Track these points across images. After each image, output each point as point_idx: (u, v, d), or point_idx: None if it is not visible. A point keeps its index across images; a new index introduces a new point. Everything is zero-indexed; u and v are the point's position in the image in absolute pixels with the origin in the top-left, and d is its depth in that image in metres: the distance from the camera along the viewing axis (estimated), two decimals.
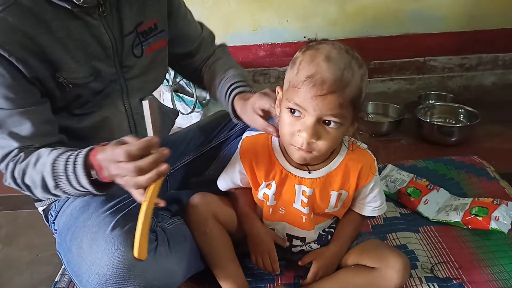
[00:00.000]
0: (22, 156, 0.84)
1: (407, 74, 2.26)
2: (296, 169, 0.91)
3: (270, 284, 1.05)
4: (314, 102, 0.75)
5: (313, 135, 0.77)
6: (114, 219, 0.82)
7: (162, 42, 1.03)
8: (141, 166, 0.69)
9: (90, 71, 0.90)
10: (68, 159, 0.78)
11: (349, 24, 2.13)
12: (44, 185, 0.81)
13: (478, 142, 1.70)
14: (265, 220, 1.00)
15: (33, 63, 0.81)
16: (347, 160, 0.90)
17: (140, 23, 0.96)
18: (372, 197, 0.96)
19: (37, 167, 0.81)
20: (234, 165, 0.98)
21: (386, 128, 1.82)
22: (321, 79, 0.74)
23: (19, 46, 0.79)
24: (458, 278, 1.02)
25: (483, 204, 1.21)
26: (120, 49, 0.94)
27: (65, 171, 0.78)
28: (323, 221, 1.00)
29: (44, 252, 1.25)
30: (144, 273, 0.80)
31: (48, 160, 0.80)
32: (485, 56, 2.24)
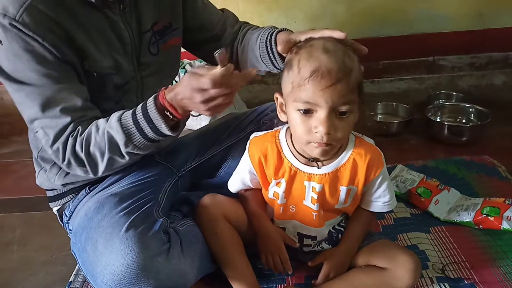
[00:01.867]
0: (80, 129, 0.87)
1: (416, 73, 2.25)
2: (304, 165, 0.92)
3: (280, 284, 1.05)
4: (326, 94, 0.77)
5: (330, 127, 0.79)
6: (128, 220, 0.84)
7: (176, 40, 1.05)
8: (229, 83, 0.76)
9: (112, 64, 0.93)
10: (136, 111, 0.84)
11: (358, 24, 2.13)
12: (113, 146, 0.85)
13: (489, 141, 1.69)
14: (276, 219, 1.01)
15: (63, 49, 0.85)
16: (354, 155, 0.91)
17: (156, 23, 0.99)
18: (381, 191, 0.96)
19: (100, 131, 0.85)
20: (243, 166, 0.99)
21: (395, 128, 1.82)
22: (327, 70, 0.76)
23: (50, 32, 0.83)
24: (470, 279, 1.02)
25: (494, 204, 1.21)
26: (138, 47, 0.97)
27: (135, 122, 0.83)
28: (333, 217, 1.00)
29: (58, 252, 1.26)
30: (157, 273, 0.81)
31: (112, 121, 0.85)
32: (496, 55, 2.22)
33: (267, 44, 0.98)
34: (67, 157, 0.88)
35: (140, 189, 0.95)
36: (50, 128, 0.87)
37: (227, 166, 1.13)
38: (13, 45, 0.82)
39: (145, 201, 0.92)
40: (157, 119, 0.82)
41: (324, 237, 1.01)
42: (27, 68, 0.83)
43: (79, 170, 0.90)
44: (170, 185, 1.06)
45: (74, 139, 0.87)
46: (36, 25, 0.81)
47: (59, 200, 1.06)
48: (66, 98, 0.86)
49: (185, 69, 1.85)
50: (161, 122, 0.82)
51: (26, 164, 1.74)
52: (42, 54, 0.83)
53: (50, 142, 0.88)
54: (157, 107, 0.82)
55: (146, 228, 0.83)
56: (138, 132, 0.84)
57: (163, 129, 0.83)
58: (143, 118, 0.83)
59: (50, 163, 1.01)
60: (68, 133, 0.87)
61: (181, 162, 1.12)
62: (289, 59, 0.83)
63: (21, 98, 0.86)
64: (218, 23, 1.11)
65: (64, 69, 0.86)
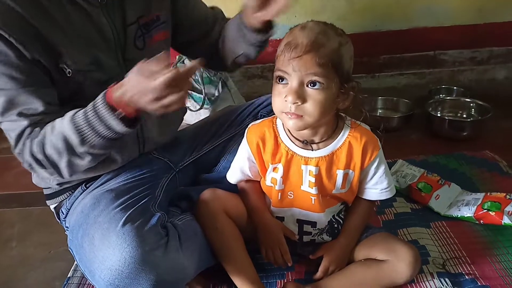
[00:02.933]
0: (36, 130, 0.84)
1: (417, 68, 2.24)
2: (301, 149, 0.93)
3: (280, 280, 1.05)
4: (293, 63, 0.81)
5: (298, 97, 0.82)
6: (125, 215, 0.83)
7: (163, 34, 1.02)
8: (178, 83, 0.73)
9: (91, 60, 0.89)
10: (87, 110, 0.80)
11: (358, 19, 2.11)
12: (68, 146, 0.81)
13: (490, 136, 1.68)
14: (274, 208, 1.01)
15: (32, 46, 0.81)
16: (350, 138, 0.92)
17: (142, 15, 0.96)
18: (378, 177, 0.96)
19: (55, 131, 0.82)
20: (242, 154, 0.99)
21: (396, 123, 1.81)
22: (295, 43, 0.81)
23: (18, 28, 0.79)
24: (471, 274, 1.01)
25: (495, 199, 1.20)
26: (123, 41, 0.93)
27: (87, 121, 0.79)
28: (333, 204, 1.00)
29: (57, 248, 1.26)
30: (156, 268, 0.80)
31: (65, 121, 0.81)
32: (497, 49, 2.21)
33: (236, 19, 1.00)
34: (26, 160, 0.86)
35: (137, 185, 0.94)
36: (11, 131, 0.85)
37: (225, 161, 1.13)
38: None
39: (141, 196, 0.91)
40: (108, 117, 0.78)
41: (325, 225, 1.00)
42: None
43: (42, 171, 0.87)
44: (167, 180, 1.05)
45: (31, 141, 0.84)
46: (3, 21, 0.77)
47: (55, 198, 1.05)
48: (26, 101, 0.83)
49: (184, 63, 1.83)
50: (112, 120, 0.78)
51: None
52: (6, 53, 0.79)
53: (12, 145, 0.86)
54: (107, 105, 0.78)
55: (143, 223, 0.83)
56: (92, 131, 0.80)
57: (117, 127, 0.79)
58: (95, 116, 0.79)
59: None
60: (25, 136, 0.84)
61: (178, 157, 1.11)
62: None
63: None
64: (211, 19, 1.10)
65: (29, 70, 0.82)
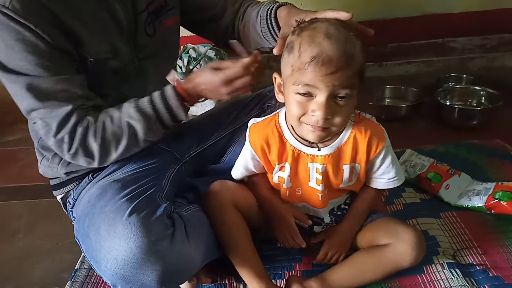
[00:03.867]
0: (89, 119, 0.88)
1: (425, 56, 2.21)
2: (307, 147, 0.91)
3: (288, 271, 1.04)
4: (326, 80, 0.76)
5: (329, 112, 0.79)
6: (131, 205, 0.82)
7: (172, 19, 1.04)
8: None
9: (109, 48, 0.92)
10: (153, 101, 0.89)
11: (366, 6, 2.08)
12: (131, 135, 0.89)
13: (501, 125, 1.65)
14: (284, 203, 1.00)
15: (57, 36, 0.83)
16: (355, 132, 0.90)
17: (151, 2, 0.97)
18: (385, 167, 0.94)
19: (117, 121, 0.88)
20: (246, 154, 0.98)
21: (404, 112, 1.79)
22: (328, 58, 0.75)
23: (42, 18, 0.81)
24: (482, 264, 1.00)
25: (507, 189, 1.18)
26: (134, 28, 0.95)
27: (155, 111, 0.89)
28: (338, 196, 0.99)
29: (64, 240, 1.26)
30: (162, 258, 0.79)
31: (131, 110, 0.88)
32: (507, 36, 2.16)
33: (267, 20, 0.97)
34: (74, 147, 0.88)
35: (143, 175, 0.93)
36: (50, 118, 0.86)
37: (232, 152, 1.12)
38: (4, 34, 0.80)
39: (148, 187, 0.90)
40: (177, 107, 0.89)
41: (329, 220, 1.00)
42: (20, 58, 0.81)
43: (83, 160, 0.90)
44: (173, 171, 1.04)
45: (84, 129, 0.87)
46: (27, 12, 0.79)
47: (62, 188, 1.05)
48: (64, 87, 0.85)
49: (189, 53, 1.82)
50: (180, 110, 0.90)
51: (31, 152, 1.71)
52: (35, 43, 0.81)
53: (52, 132, 0.86)
54: (176, 95, 0.89)
55: (149, 213, 0.82)
56: (157, 120, 0.90)
57: (182, 116, 0.91)
58: (163, 106, 0.89)
59: (52, 152, 1.00)
60: (74, 122, 0.86)
61: (185, 148, 1.10)
62: (290, 40, 0.81)
63: (17, 89, 0.84)
64: (219, 2, 1.09)
65: (59, 58, 0.84)
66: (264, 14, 0.98)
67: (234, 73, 0.86)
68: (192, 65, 1.80)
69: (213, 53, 1.83)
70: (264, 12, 0.99)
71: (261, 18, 0.99)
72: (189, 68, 1.82)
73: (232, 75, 0.86)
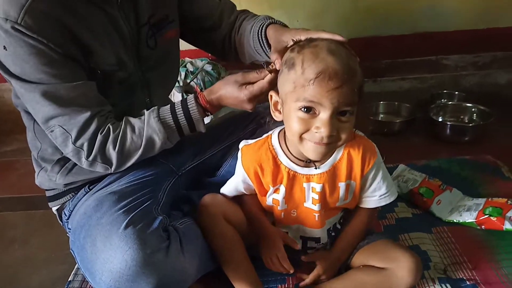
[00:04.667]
0: (110, 127, 0.90)
1: (419, 73, 2.24)
2: (302, 167, 0.91)
3: (281, 284, 1.04)
4: (331, 96, 0.76)
5: (333, 128, 0.78)
6: (127, 217, 0.83)
7: (173, 32, 1.06)
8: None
9: (115, 59, 0.93)
10: (175, 111, 0.93)
11: (360, 23, 2.12)
12: (149, 145, 0.92)
13: (492, 141, 1.68)
14: (277, 225, 1.00)
15: (69, 48, 0.85)
16: (348, 149, 0.90)
17: (152, 15, 0.99)
18: (376, 183, 0.95)
19: (137, 130, 0.91)
20: (237, 176, 0.98)
21: (398, 127, 1.81)
22: (334, 72, 0.75)
23: (54, 32, 0.82)
24: (472, 279, 1.01)
25: (497, 204, 1.20)
26: (136, 41, 0.98)
27: (176, 122, 0.93)
28: (334, 215, 0.99)
29: (58, 251, 1.26)
30: (157, 271, 0.80)
31: (152, 121, 0.91)
32: (499, 54, 2.21)
33: (259, 37, 1.00)
34: (94, 153, 0.90)
35: (139, 188, 0.95)
36: (70, 124, 0.87)
37: (228, 165, 1.13)
38: (18, 50, 0.81)
39: (144, 199, 0.91)
40: (197, 118, 0.93)
41: (327, 240, 1.00)
42: (36, 71, 0.83)
43: (101, 166, 0.93)
44: (170, 183, 1.05)
45: (104, 137, 0.89)
46: (39, 27, 0.80)
47: (58, 199, 1.06)
48: (81, 93, 0.87)
49: (186, 67, 1.85)
50: (200, 121, 0.94)
51: (27, 162, 1.72)
52: (49, 55, 0.82)
53: (72, 138, 0.88)
54: (198, 107, 0.93)
55: (145, 226, 0.83)
56: (177, 130, 0.94)
57: (201, 128, 0.95)
58: (184, 116, 0.92)
59: (51, 163, 1.01)
60: (94, 129, 0.88)
61: (181, 161, 1.12)
62: (290, 57, 0.81)
63: (35, 97, 0.85)
64: (215, 14, 1.11)
65: (73, 67, 0.87)
66: (256, 30, 1.00)
67: (259, 89, 0.89)
68: (190, 78, 1.83)
69: (210, 67, 1.86)
70: (256, 28, 1.01)
71: (253, 34, 1.01)
72: (186, 82, 1.84)
73: (258, 91, 0.89)
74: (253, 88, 0.89)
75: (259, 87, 0.89)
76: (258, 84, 0.89)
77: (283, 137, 0.92)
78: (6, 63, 0.84)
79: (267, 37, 0.99)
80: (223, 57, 1.19)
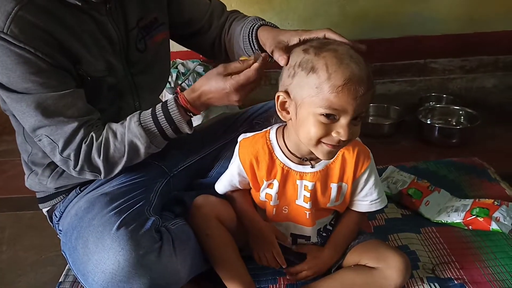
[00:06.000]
0: (93, 135, 0.88)
1: (408, 76, 2.27)
2: (296, 164, 0.92)
3: (273, 284, 1.05)
4: (357, 102, 0.76)
5: (350, 133, 0.79)
6: (119, 218, 0.83)
7: (163, 34, 1.05)
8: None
9: (105, 65, 0.92)
10: (156, 114, 0.89)
11: (350, 26, 2.14)
12: (132, 150, 0.90)
13: (479, 143, 1.71)
14: (268, 222, 1.01)
15: (56, 56, 0.83)
16: (343, 151, 0.92)
17: (141, 18, 0.98)
18: (368, 188, 0.96)
19: (119, 137, 0.89)
20: (233, 169, 0.98)
21: (387, 130, 1.83)
22: (360, 79, 0.75)
23: (41, 41, 0.81)
24: (460, 279, 1.03)
25: (484, 205, 1.22)
26: (126, 45, 0.96)
27: (157, 125, 0.89)
28: (324, 216, 1.00)
29: (48, 253, 1.26)
30: (149, 272, 0.80)
31: (132, 126, 0.89)
32: (486, 58, 2.25)
33: (249, 39, 0.99)
34: (80, 164, 0.89)
35: (131, 189, 0.95)
36: (57, 135, 0.87)
37: (220, 166, 1.13)
38: (4, 59, 0.79)
39: (136, 200, 0.91)
40: (179, 120, 0.89)
41: (318, 239, 1.01)
42: (23, 80, 0.81)
43: (90, 174, 0.92)
44: (161, 185, 1.05)
45: (88, 146, 0.88)
46: (26, 36, 0.79)
47: (49, 201, 1.05)
48: (69, 103, 0.86)
49: (177, 69, 1.84)
50: (182, 122, 0.90)
51: (16, 164, 1.71)
52: (36, 64, 0.81)
53: (58, 149, 0.88)
54: (179, 108, 0.88)
55: (137, 226, 0.83)
56: (160, 134, 0.90)
57: (185, 129, 0.91)
58: (165, 120, 0.89)
59: (42, 166, 1.00)
60: (80, 139, 0.87)
61: (173, 162, 1.12)
62: (307, 60, 0.78)
63: (22, 107, 0.84)
64: (205, 16, 1.10)
65: (61, 75, 0.85)
66: (247, 32, 0.99)
67: (246, 78, 0.83)
68: (181, 80, 1.82)
69: (202, 68, 1.86)
70: (246, 29, 1.00)
71: (243, 35, 1.01)
72: (178, 83, 1.84)
73: (244, 80, 0.84)
74: (239, 78, 0.84)
75: (246, 76, 0.83)
76: (244, 73, 0.84)
77: (281, 133, 0.93)
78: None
79: (258, 39, 0.98)
80: (212, 58, 1.19)
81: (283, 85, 0.84)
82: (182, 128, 0.91)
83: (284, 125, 0.93)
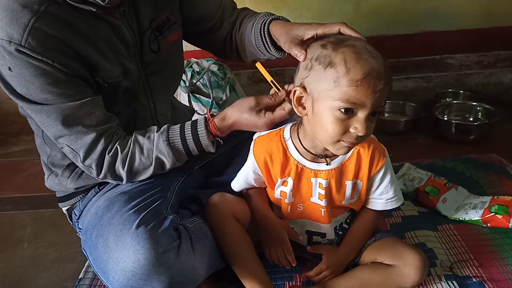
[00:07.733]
0: (118, 147, 0.91)
1: (423, 72, 2.24)
2: (311, 162, 0.92)
3: (288, 282, 1.06)
4: (376, 96, 0.76)
5: (367, 129, 0.78)
6: (138, 217, 0.84)
7: (176, 34, 1.05)
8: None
9: (121, 69, 0.93)
10: (185, 137, 0.94)
11: (365, 23, 2.12)
12: (158, 166, 0.95)
13: (497, 140, 1.68)
14: (284, 220, 1.01)
15: (74, 66, 0.84)
16: (358, 149, 0.91)
17: (153, 18, 0.98)
18: (384, 187, 0.96)
19: (146, 152, 0.93)
20: (248, 166, 0.99)
21: (403, 127, 1.82)
22: (379, 74, 0.75)
23: (58, 52, 0.81)
24: (478, 276, 1.02)
25: (503, 202, 1.21)
26: (139, 46, 0.97)
27: (185, 146, 0.95)
28: (340, 213, 1.00)
29: (68, 250, 1.28)
30: (168, 269, 0.81)
31: (161, 144, 0.93)
32: (503, 53, 2.20)
33: (261, 34, 0.98)
34: (103, 173, 0.93)
35: (149, 188, 0.96)
36: (77, 145, 0.89)
37: (235, 164, 1.14)
38: (23, 71, 0.80)
39: (154, 199, 0.93)
40: (207, 144, 0.95)
41: (334, 237, 1.01)
42: (42, 91, 0.82)
43: (112, 181, 0.96)
44: (178, 183, 1.06)
45: (112, 157, 0.91)
46: (43, 47, 0.79)
47: (68, 200, 1.07)
48: (87, 112, 0.87)
49: (192, 68, 1.86)
50: (209, 146, 0.96)
51: (36, 163, 1.77)
52: (54, 75, 0.82)
53: (80, 158, 0.91)
54: (208, 134, 0.94)
55: (156, 225, 0.84)
56: (186, 153, 0.96)
57: (210, 150, 0.97)
58: (193, 142, 0.95)
59: (61, 167, 1.02)
60: (101, 150, 0.90)
61: (189, 160, 1.12)
62: (325, 55, 0.78)
63: (42, 118, 0.86)
64: (216, 14, 1.10)
65: (79, 85, 0.86)
66: (259, 28, 0.99)
67: (280, 118, 0.92)
68: (196, 79, 1.84)
69: (216, 67, 1.87)
70: (258, 25, 0.99)
71: (255, 31, 1.00)
72: (193, 82, 1.85)
73: (278, 120, 0.92)
74: (273, 117, 0.92)
75: (280, 116, 0.91)
76: (279, 114, 0.91)
77: (296, 131, 0.93)
78: (12, 83, 0.83)
79: (270, 33, 0.98)
80: (224, 56, 1.19)
81: (300, 78, 0.84)
82: (207, 149, 0.97)
83: (299, 123, 0.93)
